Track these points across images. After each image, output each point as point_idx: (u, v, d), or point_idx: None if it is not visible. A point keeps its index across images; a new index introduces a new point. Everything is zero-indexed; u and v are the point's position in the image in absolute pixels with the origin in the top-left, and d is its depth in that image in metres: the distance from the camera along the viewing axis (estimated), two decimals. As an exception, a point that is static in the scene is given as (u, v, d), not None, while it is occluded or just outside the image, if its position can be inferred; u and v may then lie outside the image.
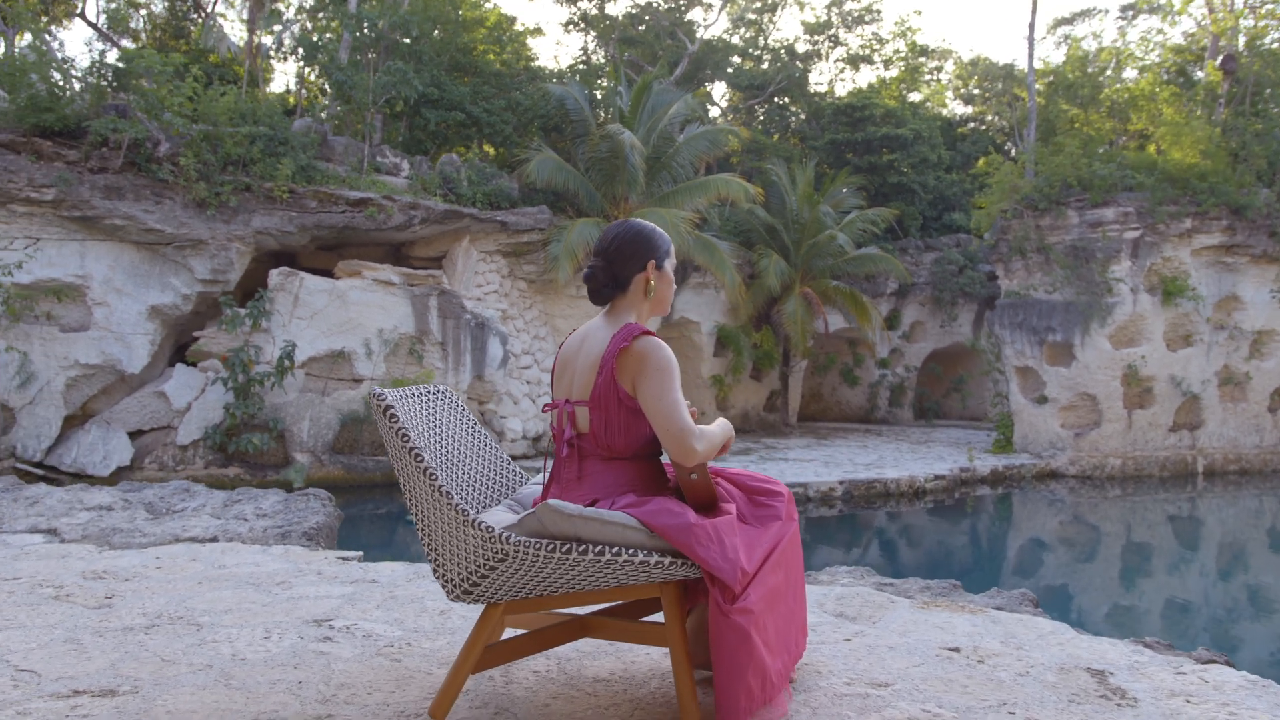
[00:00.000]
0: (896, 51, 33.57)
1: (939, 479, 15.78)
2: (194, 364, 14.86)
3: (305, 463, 15.13)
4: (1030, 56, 24.20)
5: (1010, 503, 16.50)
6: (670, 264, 2.62)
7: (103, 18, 22.77)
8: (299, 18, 22.49)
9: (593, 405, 2.43)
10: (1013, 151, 28.41)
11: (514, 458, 17.50)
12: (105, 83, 14.72)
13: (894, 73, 33.57)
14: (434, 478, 2.13)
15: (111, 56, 18.60)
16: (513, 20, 23.04)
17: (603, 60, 27.11)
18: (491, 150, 21.57)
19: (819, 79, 33.75)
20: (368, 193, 15.47)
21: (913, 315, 25.42)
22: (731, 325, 21.80)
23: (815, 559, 12.38)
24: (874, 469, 16.12)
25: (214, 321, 14.86)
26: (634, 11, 28.14)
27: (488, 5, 22.97)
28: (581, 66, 26.05)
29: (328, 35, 19.31)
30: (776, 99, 29.05)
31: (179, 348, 15.73)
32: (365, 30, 17.66)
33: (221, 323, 14.46)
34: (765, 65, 29.43)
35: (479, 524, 2.07)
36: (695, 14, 28.64)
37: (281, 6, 20.70)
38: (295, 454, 15.16)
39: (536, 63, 23.64)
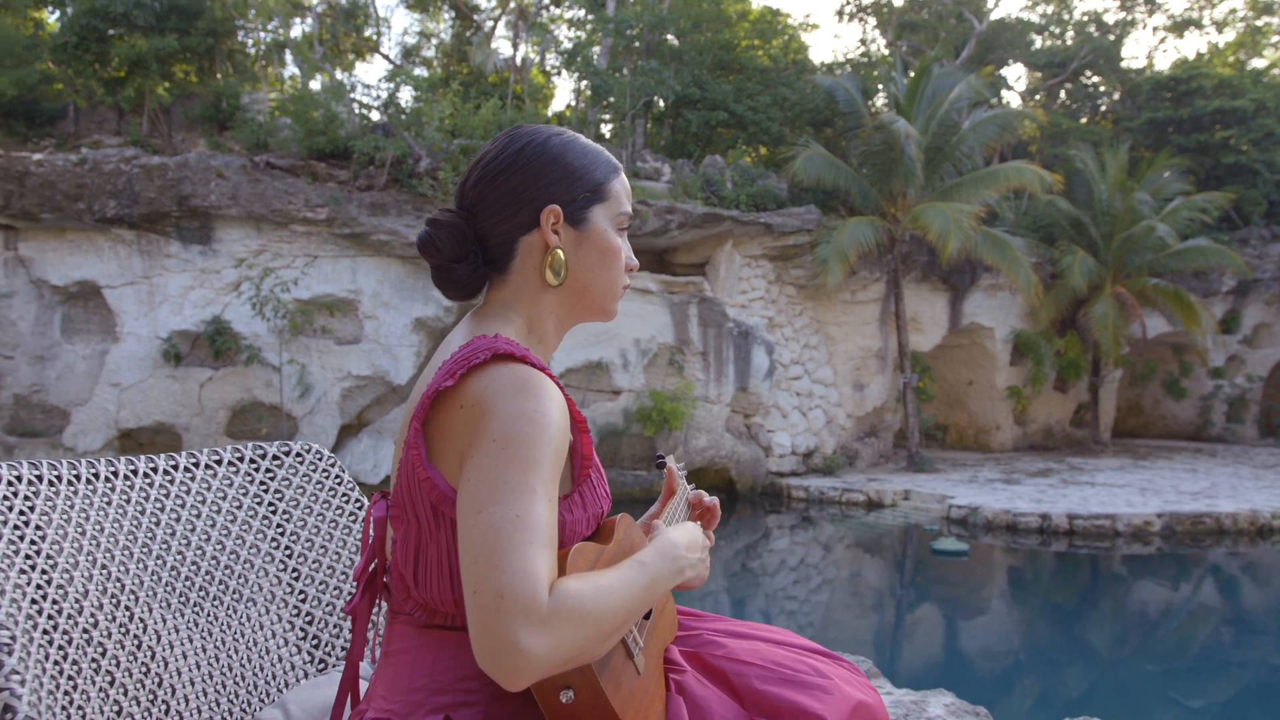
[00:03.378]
0: (1232, 12, 29.20)
1: (1291, 514, 12.95)
2: (457, 375, 15.04)
3: (564, 476, 14.88)
4: None
5: (1391, 546, 13.30)
6: (608, 212, 1.36)
7: (396, 49, 24.18)
8: (574, 32, 22.72)
9: (395, 509, 1.24)
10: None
11: (780, 475, 16.46)
12: (392, 108, 15.29)
13: (1229, 36, 29.20)
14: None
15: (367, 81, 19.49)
16: (776, 13, 22.01)
17: (883, 49, 25.44)
18: (765, 151, 20.66)
19: (1133, 51, 30.01)
20: (623, 198, 15.01)
21: (1256, 316, 21.69)
22: (1030, 331, 19.49)
23: (1121, 616, 10.34)
24: (1203, 499, 13.53)
25: (476, 333, 14.97)
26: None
27: (752, 1, 22.10)
28: (863, 60, 24.55)
29: (594, 48, 19.23)
30: (1082, 77, 26.00)
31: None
32: (624, 32, 17.32)
33: (480, 334, 14.50)
34: (1068, 40, 26.44)
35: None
36: (987, -8, 26.23)
37: (546, 19, 20.95)
38: (554, 467, 14.95)
39: (810, 56, 22.50)
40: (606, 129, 20.92)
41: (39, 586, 1.13)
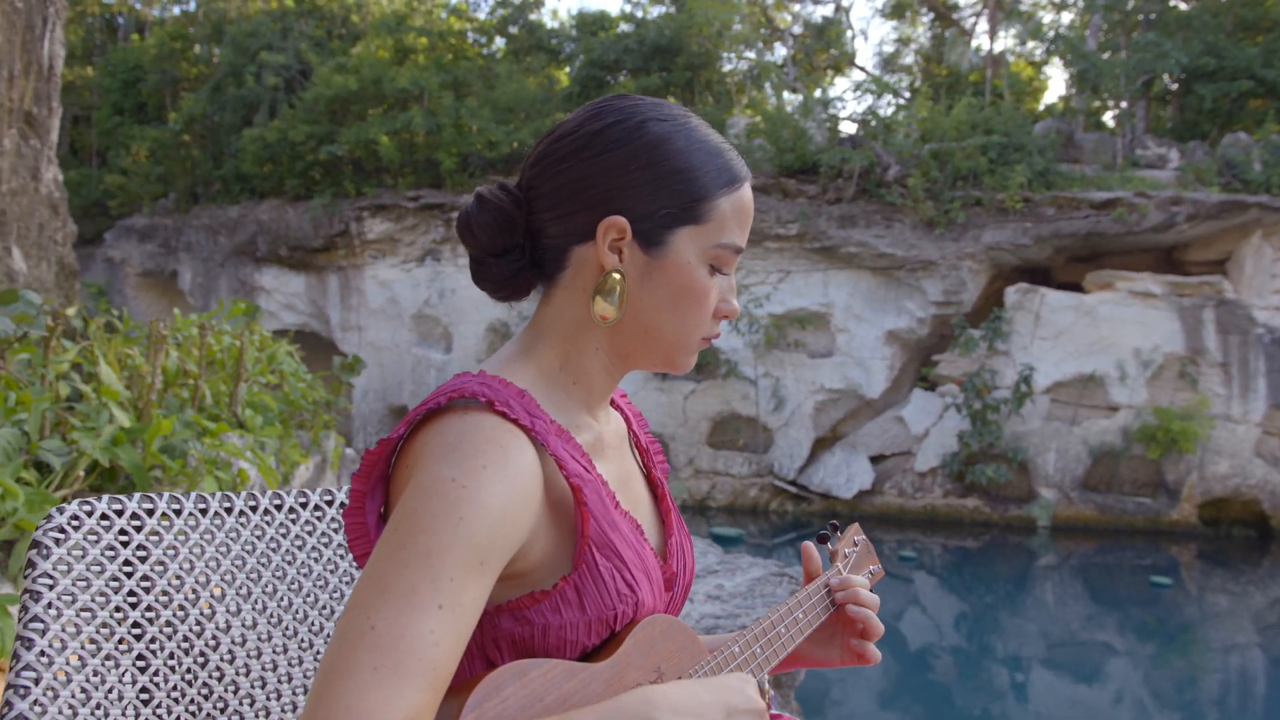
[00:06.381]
0: None
1: None
2: (932, 389, 14.50)
3: (1051, 499, 13.68)
4: None
5: None
6: (702, 240, 0.99)
7: (875, 59, 24.08)
8: (1061, 16, 20.94)
9: None
10: None
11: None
12: (868, 118, 15.27)
13: None
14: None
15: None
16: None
17: None
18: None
19: None
20: (1117, 192, 13.47)
21: None
22: None
23: None
24: None
25: (952, 344, 14.32)
26: None
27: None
28: None
29: (1082, 29, 17.51)
30: None
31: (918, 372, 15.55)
32: (1120, 7, 15.52)
33: (956, 346, 13.83)
34: None
35: None
36: None
37: (1029, 5, 19.46)
38: (1039, 489, 13.81)
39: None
40: (1108, 117, 18.97)
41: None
